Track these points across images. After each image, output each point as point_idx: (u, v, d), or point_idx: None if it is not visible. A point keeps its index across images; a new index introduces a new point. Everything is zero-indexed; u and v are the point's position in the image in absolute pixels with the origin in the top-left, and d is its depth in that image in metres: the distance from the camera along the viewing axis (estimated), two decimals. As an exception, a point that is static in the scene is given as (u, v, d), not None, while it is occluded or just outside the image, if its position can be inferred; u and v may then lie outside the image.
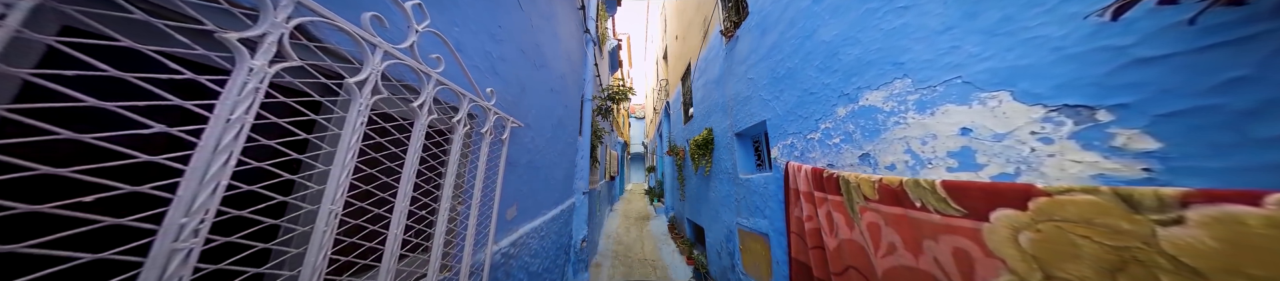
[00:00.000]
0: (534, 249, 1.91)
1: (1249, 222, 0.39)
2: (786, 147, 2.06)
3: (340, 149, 0.55)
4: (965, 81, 0.96)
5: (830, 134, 1.61)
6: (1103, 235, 0.53)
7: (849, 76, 1.46)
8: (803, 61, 1.86)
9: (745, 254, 2.88)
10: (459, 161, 0.93)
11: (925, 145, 1.08)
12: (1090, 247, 0.54)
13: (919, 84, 1.11)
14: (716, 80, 3.77)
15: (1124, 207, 0.50)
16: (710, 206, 3.99)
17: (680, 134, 6.30)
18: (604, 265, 4.99)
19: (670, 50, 8.10)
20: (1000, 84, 0.87)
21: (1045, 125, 0.77)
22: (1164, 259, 0.46)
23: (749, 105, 2.72)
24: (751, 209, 2.61)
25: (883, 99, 1.27)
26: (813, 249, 1.58)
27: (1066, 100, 0.73)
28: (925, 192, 0.88)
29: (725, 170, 3.36)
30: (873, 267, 1.12)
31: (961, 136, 0.96)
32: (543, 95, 2.03)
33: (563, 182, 2.81)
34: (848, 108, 1.47)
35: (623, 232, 7.42)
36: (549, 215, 2.26)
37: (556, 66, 2.47)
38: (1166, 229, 0.46)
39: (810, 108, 1.79)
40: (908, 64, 1.16)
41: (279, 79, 0.55)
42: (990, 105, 0.89)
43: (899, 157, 1.19)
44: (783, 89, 2.11)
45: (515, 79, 1.52)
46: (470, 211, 1.00)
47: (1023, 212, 0.65)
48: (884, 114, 1.26)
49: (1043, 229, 0.61)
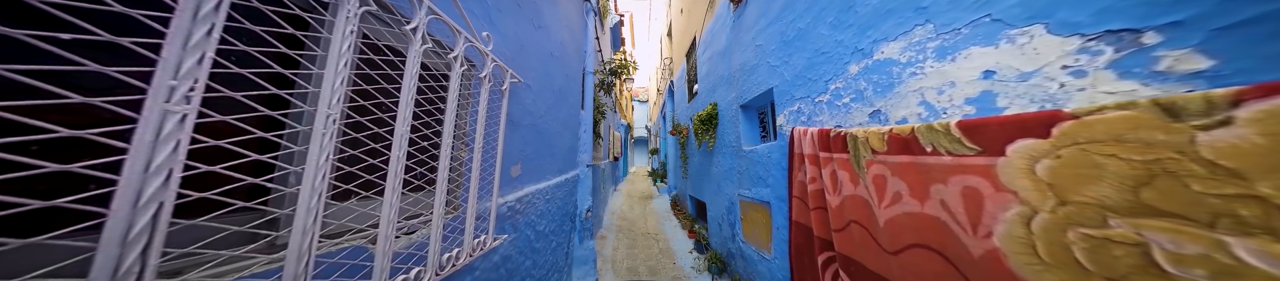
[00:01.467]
0: (541, 209, 1.94)
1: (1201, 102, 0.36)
2: (793, 114, 2.01)
3: (332, 54, 0.51)
4: (994, 19, 0.89)
5: (840, 94, 1.55)
6: (1132, 150, 0.50)
7: (865, 30, 1.38)
8: (815, 20, 1.76)
9: (745, 223, 2.94)
10: (458, 103, 0.90)
11: (942, 94, 1.04)
12: (1115, 166, 0.52)
13: (942, 28, 1.04)
14: (722, 52, 3.63)
15: (1162, 118, 0.47)
16: (712, 181, 4.03)
17: (684, 112, 6.22)
18: (609, 237, 5.17)
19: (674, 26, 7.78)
20: (1034, 17, 0.80)
21: (1079, 57, 0.72)
22: (1199, 165, 0.44)
23: (755, 74, 2.63)
24: (754, 179, 2.62)
25: (900, 50, 1.20)
26: (814, 210, 1.59)
27: (1109, 26, 0.67)
28: (939, 135, 0.85)
29: (728, 144, 3.34)
30: (875, 219, 1.13)
31: (983, 80, 0.91)
32: (542, 59, 1.95)
33: (567, 152, 2.80)
34: (861, 64, 1.40)
35: (627, 210, 7.61)
36: (553, 181, 2.28)
37: (555, 30, 2.37)
38: (1209, 133, 0.43)
39: (820, 69, 1.72)
40: (931, 7, 1.08)
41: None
42: (1019, 42, 0.83)
43: (912, 111, 1.15)
44: (792, 52, 2.02)
45: (513, 34, 1.45)
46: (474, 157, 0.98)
47: (1044, 140, 0.62)
48: (900, 66, 1.20)
49: (1064, 154, 0.59)
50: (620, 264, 4.15)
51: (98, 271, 0.30)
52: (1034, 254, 0.64)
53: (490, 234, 1.12)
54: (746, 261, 2.81)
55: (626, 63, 4.94)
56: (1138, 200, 0.50)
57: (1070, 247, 0.58)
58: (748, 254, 2.76)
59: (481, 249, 1.04)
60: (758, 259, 2.54)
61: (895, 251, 1.03)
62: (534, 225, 1.81)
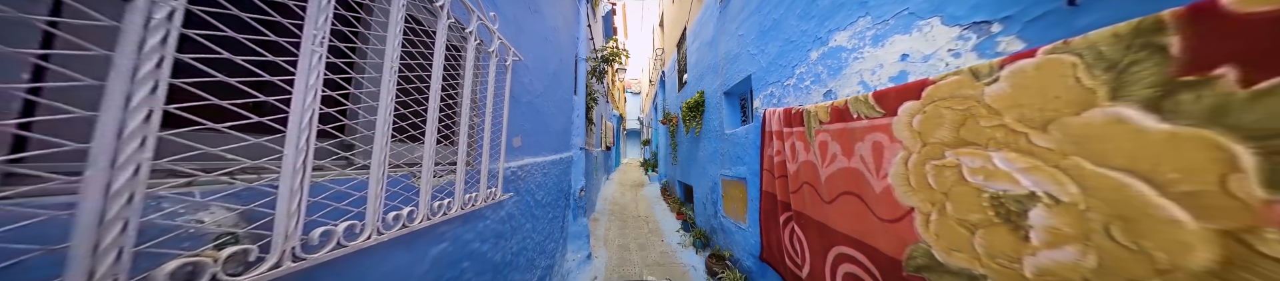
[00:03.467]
0: (539, 181, 2.18)
1: (1026, 69, 0.60)
2: (767, 97, 2.24)
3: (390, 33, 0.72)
4: (910, 12, 1.11)
5: (803, 77, 1.78)
6: (957, 103, 0.74)
7: (823, 21, 1.60)
8: (787, 11, 1.97)
9: (726, 199, 3.22)
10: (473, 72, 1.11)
11: (873, 75, 1.27)
12: (949, 114, 0.76)
13: (876, 20, 1.26)
14: (710, 42, 3.81)
15: (972, 79, 0.71)
16: (698, 165, 4.29)
17: (674, 102, 6.42)
18: (602, 220, 5.46)
19: (666, 16, 7.87)
20: (934, 11, 1.03)
21: (958, 42, 0.95)
22: (984, 108, 0.68)
23: (737, 62, 2.84)
24: (733, 159, 2.88)
25: (847, 38, 1.43)
26: (778, 178, 1.84)
27: (975, 18, 0.90)
28: (861, 104, 1.09)
29: (713, 129, 3.58)
30: (819, 178, 1.38)
31: (901, 62, 1.15)
32: (538, 43, 2.14)
33: (561, 133, 3.02)
34: (819, 50, 1.63)
35: (619, 196, 7.91)
36: (549, 158, 2.51)
37: (550, 15, 2.54)
38: (990, 87, 0.67)
39: (789, 56, 1.94)
40: (870, 2, 1.29)
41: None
42: (924, 31, 1.06)
43: (853, 89, 1.38)
44: (767, 41, 2.23)
45: (512, 17, 1.64)
46: (486, 121, 1.20)
47: (917, 101, 0.86)
48: (847, 52, 1.43)
49: (927, 110, 0.83)
50: (612, 242, 4.45)
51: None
52: (908, 184, 0.89)
53: (499, 188, 1.36)
54: (725, 233, 3.10)
55: (618, 51, 5.09)
56: (957, 136, 0.74)
57: (925, 175, 0.83)
58: (727, 226, 3.06)
59: (492, 198, 1.28)
60: (734, 229, 2.83)
61: (830, 200, 1.29)
62: (533, 193, 2.05)
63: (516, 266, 1.81)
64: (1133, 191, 0.47)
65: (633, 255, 3.90)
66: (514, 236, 1.76)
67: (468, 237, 1.26)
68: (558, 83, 2.84)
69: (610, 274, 3.36)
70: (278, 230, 0.49)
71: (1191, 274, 0.43)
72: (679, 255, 3.83)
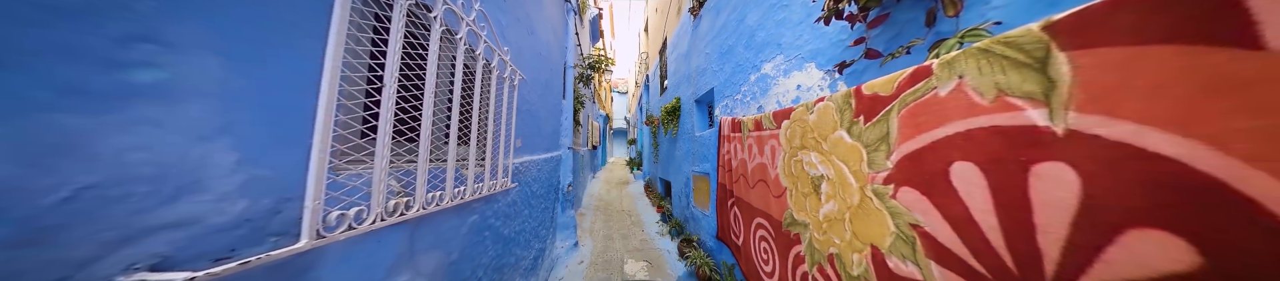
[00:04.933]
0: (534, 176, 2.65)
1: (820, 107, 1.10)
2: (724, 107, 2.75)
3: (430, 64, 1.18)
4: (801, 57, 1.62)
5: (746, 94, 2.29)
6: (800, 123, 1.24)
7: (757, 52, 2.10)
8: (737, 40, 2.47)
9: (696, 192, 3.73)
10: (484, 94, 1.58)
11: (784, 97, 1.78)
12: (797, 129, 1.26)
13: (785, 58, 1.77)
14: (685, 54, 4.31)
15: (806, 110, 1.21)
16: (676, 162, 4.80)
17: (656, 104, 6.91)
18: (588, 214, 5.93)
19: (651, 22, 8.34)
20: (812, 58, 1.53)
21: (822, 81, 1.45)
22: (808, 128, 1.18)
23: (705, 76, 3.34)
24: (700, 157, 3.38)
25: (771, 68, 1.93)
26: (727, 172, 2.35)
27: (827, 67, 1.41)
28: (767, 119, 1.59)
29: (687, 131, 4.08)
30: (748, 171, 1.88)
31: (796, 90, 1.65)
32: (533, 58, 2.60)
33: (551, 134, 3.49)
34: (755, 75, 2.13)
35: (604, 193, 8.39)
36: (542, 156, 2.98)
37: (542, 32, 3.00)
38: (810, 116, 1.17)
39: (738, 76, 2.44)
40: (783, 45, 1.80)
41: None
42: (807, 70, 1.56)
43: (773, 107, 1.89)
44: (724, 62, 2.73)
45: (515, 42, 2.10)
46: (500, 129, 1.67)
47: (789, 120, 1.36)
48: (770, 78, 1.93)
49: (790, 126, 1.33)
50: (598, 233, 4.93)
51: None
52: (785, 172, 1.39)
53: (508, 179, 1.83)
54: (695, 221, 3.61)
55: (603, 58, 5.55)
56: (801, 143, 1.24)
57: (790, 167, 1.33)
58: (696, 215, 3.57)
59: (505, 186, 1.75)
60: (701, 216, 3.34)
61: (752, 186, 1.79)
62: (530, 186, 2.52)
63: (517, 243, 2.28)
64: (844, 172, 0.97)
65: (616, 243, 4.39)
66: (516, 218, 2.23)
67: (488, 214, 1.73)
68: (549, 90, 3.30)
69: (596, 258, 3.85)
70: (418, 192, 0.96)
71: (854, 206, 0.93)
72: (657, 242, 4.34)
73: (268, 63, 0.56)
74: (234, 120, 0.51)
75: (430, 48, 0.94)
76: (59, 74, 0.36)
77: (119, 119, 0.39)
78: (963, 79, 0.61)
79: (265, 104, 0.56)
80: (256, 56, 0.55)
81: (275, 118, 0.57)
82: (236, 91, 0.52)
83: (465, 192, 1.28)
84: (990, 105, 0.57)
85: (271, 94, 0.57)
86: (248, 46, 0.53)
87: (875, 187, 0.86)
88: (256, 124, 0.55)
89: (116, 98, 0.39)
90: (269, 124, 0.57)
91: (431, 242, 1.17)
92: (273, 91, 0.57)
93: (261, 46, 0.55)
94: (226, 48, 0.50)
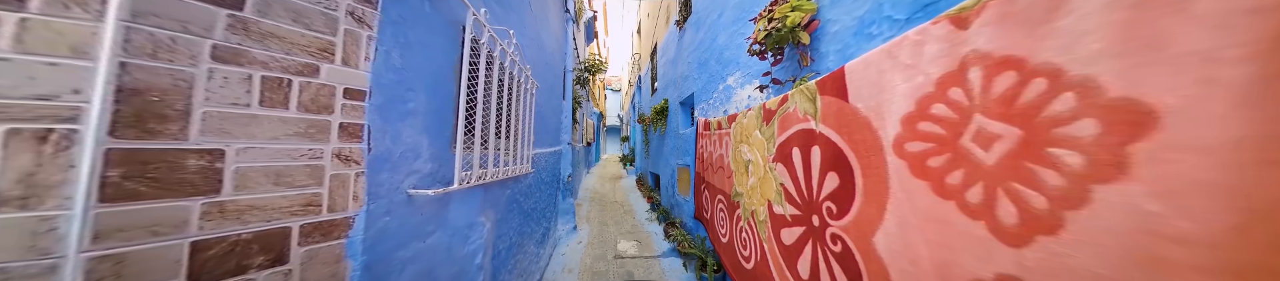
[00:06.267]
0: (542, 166, 3.20)
1: (748, 113, 1.66)
2: (701, 109, 3.30)
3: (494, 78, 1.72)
4: (748, 74, 2.17)
5: (716, 100, 2.85)
6: (741, 125, 1.80)
7: (724, 67, 2.65)
8: (710, 55, 3.02)
9: (679, 182, 4.30)
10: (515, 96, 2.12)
11: (739, 104, 2.34)
12: (738, 129, 1.83)
13: (742, 74, 2.32)
14: (672, 60, 4.85)
15: (742, 116, 1.77)
16: (664, 157, 5.36)
17: (647, 104, 7.46)
18: (584, 205, 6.50)
19: (643, 25, 8.83)
20: (755, 76, 2.09)
21: (759, 94, 2.01)
22: (748, 127, 1.74)
23: (688, 81, 3.89)
24: (683, 151, 3.95)
25: (733, 80, 2.49)
26: (701, 162, 2.92)
27: (760, 83, 1.96)
28: (723, 121, 2.15)
29: (673, 129, 4.64)
30: (713, 160, 2.45)
31: (747, 100, 2.21)
32: (541, 68, 3.13)
33: (554, 131, 4.03)
34: (722, 84, 2.69)
35: (598, 186, 8.96)
36: (548, 150, 3.53)
37: (549, 46, 3.52)
38: (744, 119, 1.73)
39: (712, 84, 2.99)
40: (741, 64, 2.35)
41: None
42: (753, 85, 2.12)
43: (734, 111, 2.45)
44: (702, 71, 3.28)
45: (531, 60, 2.63)
46: (524, 124, 2.21)
47: (736, 122, 1.92)
48: (732, 88, 2.49)
49: (734, 126, 1.89)
50: (593, 220, 5.50)
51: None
52: (735, 159, 1.96)
53: (528, 165, 2.37)
54: (678, 207, 4.19)
55: (597, 63, 6.07)
56: (742, 138, 1.81)
57: (737, 159, 1.90)
58: (678, 202, 4.14)
59: (525, 170, 2.30)
60: (682, 202, 3.92)
61: (715, 172, 2.36)
62: (540, 173, 3.07)
63: (532, 218, 2.83)
64: (758, 157, 1.54)
65: (610, 227, 4.96)
66: (532, 197, 2.78)
67: (517, 190, 2.29)
68: (553, 93, 3.83)
69: (593, 239, 4.42)
70: (489, 168, 1.50)
71: (762, 177, 1.49)
72: (645, 227, 4.92)
73: (436, 94, 1.11)
74: (428, 124, 1.06)
75: (494, 76, 1.48)
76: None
77: (405, 124, 0.94)
78: (796, 103, 1.17)
79: (436, 116, 1.10)
80: (434, 91, 1.09)
81: (438, 123, 1.12)
82: (429, 110, 1.06)
83: (505, 172, 1.83)
84: (802, 117, 1.13)
85: (438, 111, 1.11)
86: (432, 85, 1.08)
87: (770, 165, 1.42)
88: (431, 126, 1.09)
89: (404, 114, 0.94)
90: (437, 126, 1.11)
91: (491, 202, 1.73)
92: (439, 109, 1.11)
93: (436, 85, 1.10)
94: (427, 87, 1.05)
